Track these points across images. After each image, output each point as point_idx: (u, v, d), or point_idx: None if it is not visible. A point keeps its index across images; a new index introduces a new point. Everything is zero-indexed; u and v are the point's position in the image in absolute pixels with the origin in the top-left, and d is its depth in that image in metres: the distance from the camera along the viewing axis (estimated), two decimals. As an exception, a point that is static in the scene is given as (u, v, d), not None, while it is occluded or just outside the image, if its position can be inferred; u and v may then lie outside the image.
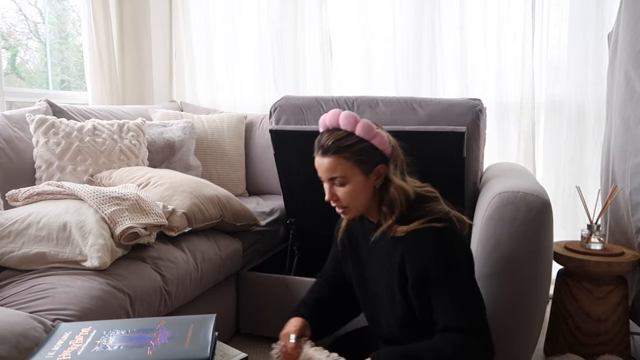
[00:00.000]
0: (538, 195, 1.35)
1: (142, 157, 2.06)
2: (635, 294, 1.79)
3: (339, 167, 1.14)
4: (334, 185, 1.16)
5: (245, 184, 2.62)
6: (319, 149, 1.17)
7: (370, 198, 1.18)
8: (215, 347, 0.96)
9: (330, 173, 1.15)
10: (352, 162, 1.14)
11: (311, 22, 2.74)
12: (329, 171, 1.15)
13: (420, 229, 1.12)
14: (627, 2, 1.82)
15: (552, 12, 2.37)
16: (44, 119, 1.85)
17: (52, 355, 0.87)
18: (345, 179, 1.15)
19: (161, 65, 3.04)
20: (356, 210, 1.19)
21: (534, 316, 1.38)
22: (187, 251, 1.63)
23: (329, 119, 1.17)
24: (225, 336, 1.89)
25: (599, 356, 1.66)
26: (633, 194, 1.74)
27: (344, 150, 1.13)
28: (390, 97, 1.99)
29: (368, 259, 1.26)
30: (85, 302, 1.19)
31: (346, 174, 1.14)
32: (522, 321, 1.38)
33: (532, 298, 1.36)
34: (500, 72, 2.46)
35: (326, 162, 1.14)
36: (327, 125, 1.18)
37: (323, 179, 1.18)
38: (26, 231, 1.34)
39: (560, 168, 2.44)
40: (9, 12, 2.49)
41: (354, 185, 1.15)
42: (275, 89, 2.85)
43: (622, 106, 1.81)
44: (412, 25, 2.56)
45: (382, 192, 1.17)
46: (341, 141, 1.14)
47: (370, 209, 1.21)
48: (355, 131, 1.15)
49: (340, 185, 1.16)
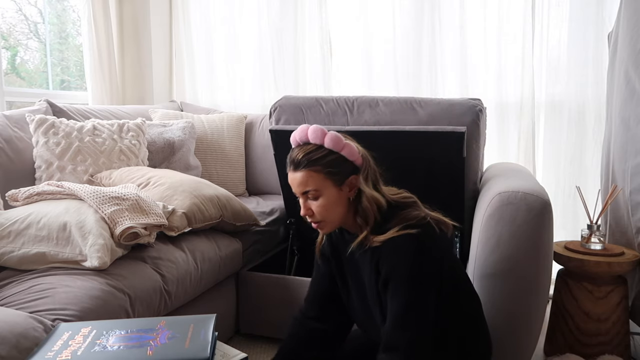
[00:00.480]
0: (538, 195, 1.35)
1: (142, 157, 2.06)
2: (635, 294, 1.79)
3: (310, 181, 1.14)
4: (308, 199, 1.16)
5: (245, 184, 2.62)
6: (290, 165, 1.18)
7: (346, 210, 1.17)
8: (215, 347, 0.96)
9: (303, 187, 1.15)
10: (323, 175, 1.14)
11: (311, 22, 2.74)
12: (301, 185, 1.15)
13: (395, 236, 1.10)
14: (627, 2, 1.82)
15: (552, 12, 2.37)
16: (44, 119, 1.85)
17: (52, 355, 0.88)
18: (318, 192, 1.15)
19: (161, 65, 3.04)
20: (332, 224, 1.19)
21: (534, 316, 1.38)
22: (187, 251, 1.63)
23: (299, 134, 1.19)
24: (225, 336, 1.89)
25: (599, 356, 1.66)
26: (633, 194, 1.74)
27: (314, 163, 1.14)
28: (390, 97, 1.99)
29: (349, 270, 1.26)
30: (85, 302, 1.19)
31: (318, 187, 1.14)
32: (522, 321, 1.38)
33: (532, 298, 1.36)
34: (500, 72, 2.46)
35: (298, 177, 1.15)
36: (297, 141, 1.19)
37: (297, 194, 1.18)
38: (26, 231, 1.34)
39: (560, 168, 2.44)
40: (9, 12, 2.49)
41: (327, 198, 1.15)
42: (275, 89, 2.85)
43: (622, 106, 1.81)
44: (412, 25, 2.56)
45: (356, 204, 1.17)
46: (311, 154, 1.15)
47: (347, 221, 1.20)
48: (324, 144, 1.16)
49: (314, 199, 1.16)
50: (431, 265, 1.10)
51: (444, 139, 1.66)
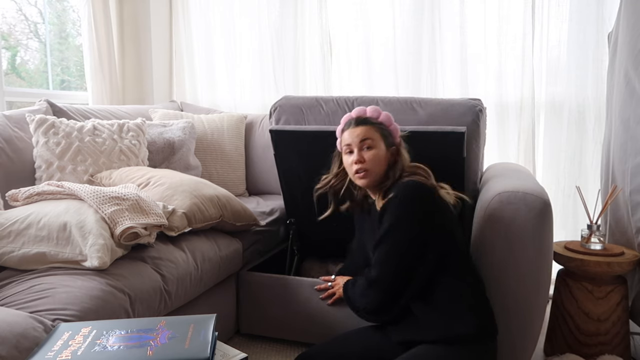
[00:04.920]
0: (538, 195, 1.35)
1: (142, 157, 2.06)
2: (635, 294, 1.79)
3: (370, 133, 1.42)
4: (363, 149, 1.40)
5: (245, 184, 2.62)
6: (351, 124, 1.44)
7: (385, 171, 1.42)
8: (215, 347, 0.95)
9: (363, 136, 1.41)
10: (379, 134, 1.43)
11: (311, 22, 2.74)
12: (360, 136, 1.41)
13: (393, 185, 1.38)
14: (627, 2, 1.82)
15: (552, 12, 2.37)
16: (44, 119, 1.85)
17: (52, 355, 0.87)
18: (373, 142, 1.41)
19: (161, 65, 3.04)
20: (373, 176, 1.41)
21: (534, 316, 1.39)
22: (187, 251, 1.63)
23: (356, 112, 1.47)
24: (225, 336, 1.90)
25: (599, 356, 1.66)
26: (633, 194, 1.74)
27: (375, 124, 1.44)
28: (390, 97, 1.99)
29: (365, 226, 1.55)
30: (85, 302, 1.19)
31: (375, 139, 1.41)
32: (522, 321, 1.38)
33: (532, 298, 1.36)
34: (500, 72, 2.46)
35: (359, 130, 1.42)
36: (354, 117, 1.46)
37: (353, 145, 1.42)
38: (26, 231, 1.34)
39: (560, 168, 2.44)
40: (9, 12, 2.49)
41: (378, 151, 1.41)
42: (275, 89, 2.85)
43: (622, 106, 1.81)
44: (412, 25, 2.56)
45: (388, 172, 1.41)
46: (371, 119, 1.45)
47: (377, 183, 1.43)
48: (379, 118, 1.46)
49: (368, 149, 1.40)
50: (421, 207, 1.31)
51: (444, 139, 1.66)
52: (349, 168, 1.45)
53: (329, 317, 1.74)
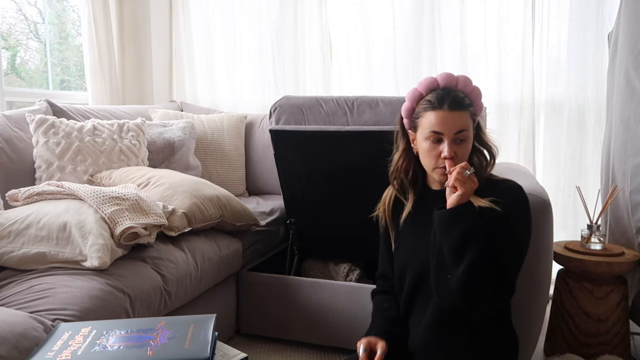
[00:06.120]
0: (538, 195, 1.35)
1: (142, 157, 2.06)
2: (635, 294, 1.79)
3: (467, 122, 1.09)
4: (456, 141, 1.09)
5: (245, 184, 2.62)
6: (445, 102, 1.08)
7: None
8: (215, 347, 0.95)
9: (459, 127, 1.08)
10: (472, 120, 1.12)
11: (311, 22, 2.74)
12: (457, 126, 1.08)
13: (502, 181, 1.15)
14: (627, 2, 1.82)
15: (552, 12, 2.37)
16: (44, 119, 1.85)
17: (52, 355, 0.87)
18: (467, 134, 1.10)
19: (161, 65, 3.04)
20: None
21: (534, 316, 1.39)
22: (187, 251, 1.63)
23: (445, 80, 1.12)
24: (225, 336, 1.90)
25: (599, 356, 1.66)
26: (633, 194, 1.74)
27: (471, 107, 1.11)
28: (390, 97, 1.99)
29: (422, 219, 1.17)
30: (85, 302, 1.19)
31: (469, 129, 1.10)
32: (522, 321, 1.38)
33: (532, 298, 1.36)
34: (500, 72, 2.46)
35: (456, 116, 1.08)
36: (440, 84, 1.12)
37: (446, 136, 1.08)
38: (26, 231, 1.34)
39: (560, 168, 2.44)
40: (9, 12, 2.49)
41: (469, 143, 1.11)
42: (275, 89, 2.85)
43: (622, 106, 1.81)
44: (412, 25, 2.56)
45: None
46: (467, 98, 1.11)
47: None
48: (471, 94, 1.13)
49: (461, 141, 1.09)
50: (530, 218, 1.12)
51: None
52: (429, 158, 1.12)
53: (329, 317, 1.74)
